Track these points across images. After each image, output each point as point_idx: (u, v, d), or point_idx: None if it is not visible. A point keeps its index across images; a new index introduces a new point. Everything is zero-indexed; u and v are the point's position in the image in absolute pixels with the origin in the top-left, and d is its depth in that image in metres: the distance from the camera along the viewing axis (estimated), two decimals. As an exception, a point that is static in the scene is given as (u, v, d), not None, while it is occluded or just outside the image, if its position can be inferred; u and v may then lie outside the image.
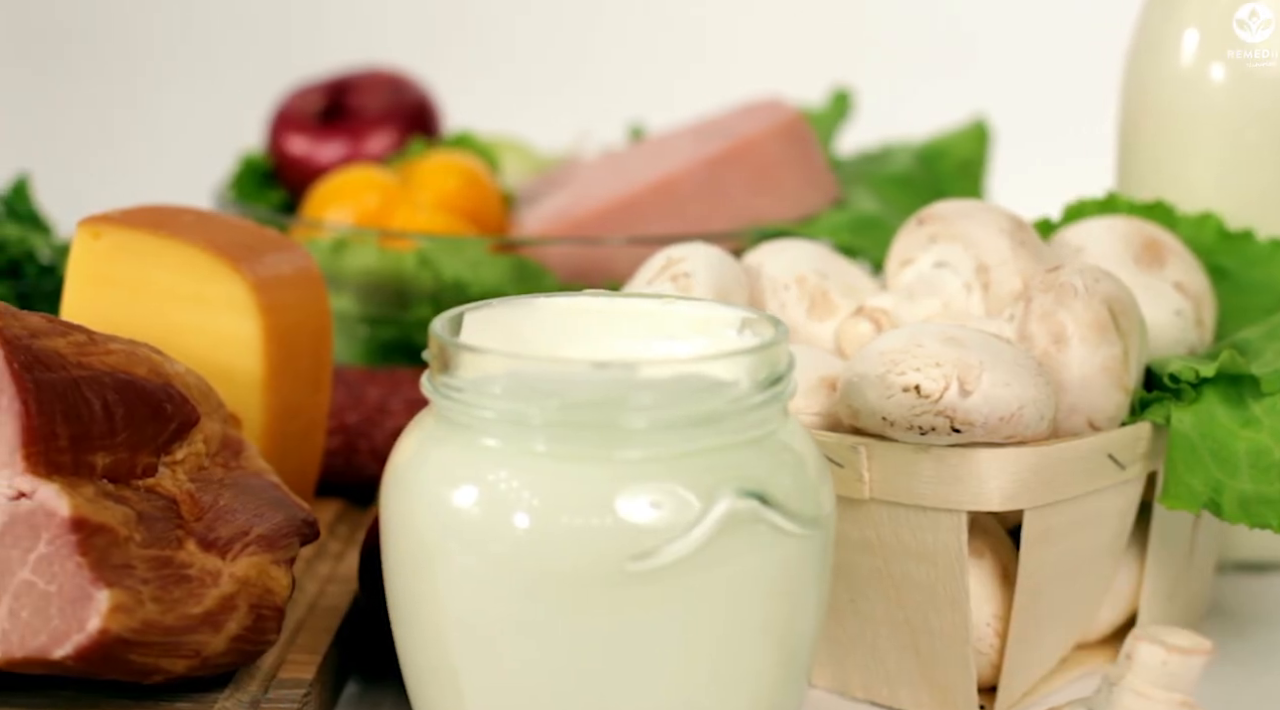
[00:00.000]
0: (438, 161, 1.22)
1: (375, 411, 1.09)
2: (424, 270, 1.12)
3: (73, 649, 0.78)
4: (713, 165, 1.17)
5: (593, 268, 1.14)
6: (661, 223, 1.16)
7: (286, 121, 1.33)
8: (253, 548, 0.84)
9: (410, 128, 1.32)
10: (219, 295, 0.93)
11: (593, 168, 1.26)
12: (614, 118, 1.44)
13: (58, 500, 0.79)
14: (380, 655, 0.96)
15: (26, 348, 0.81)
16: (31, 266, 1.18)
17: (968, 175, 1.26)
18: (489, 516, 0.76)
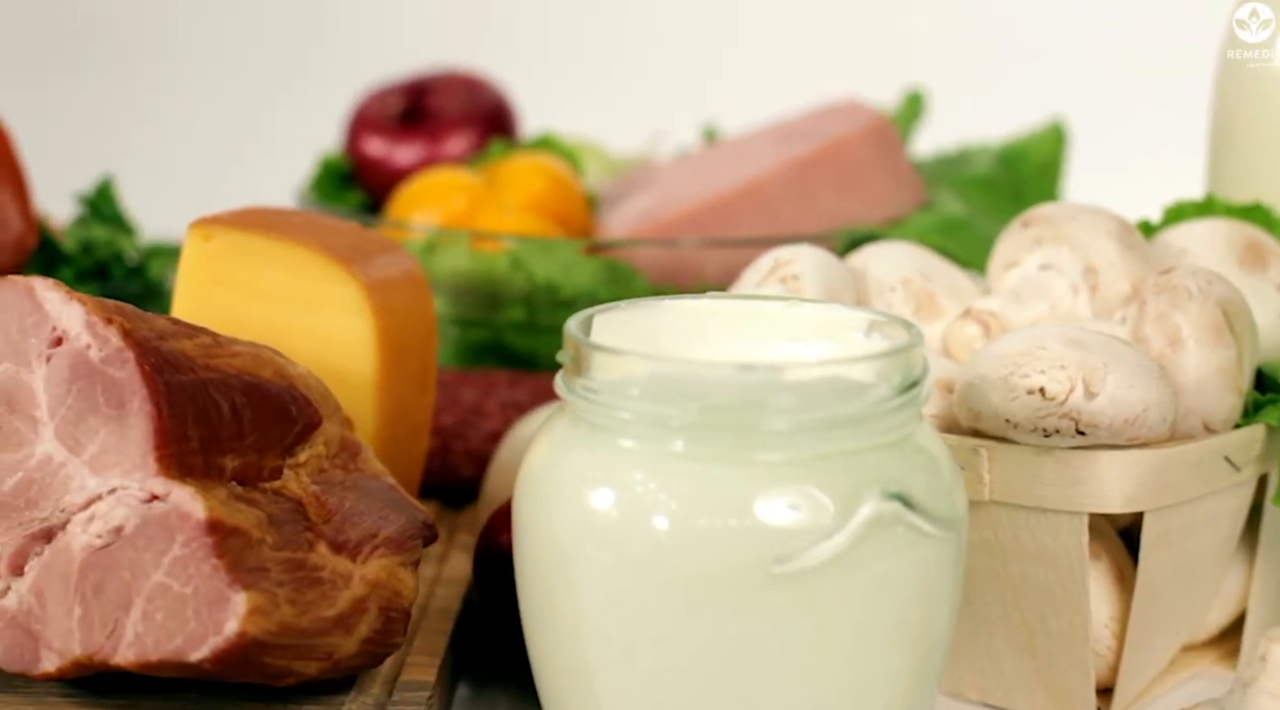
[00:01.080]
0: (523, 163, 1.22)
1: (470, 413, 1.09)
2: (516, 272, 1.12)
3: (210, 652, 0.78)
4: (801, 167, 1.17)
5: (680, 270, 1.14)
6: (750, 225, 1.16)
7: (364, 123, 1.33)
8: (381, 550, 0.84)
9: (488, 129, 1.32)
10: (332, 297, 0.93)
11: (674, 170, 1.26)
12: (683, 118, 1.44)
13: (193, 502, 0.79)
14: (491, 656, 0.96)
15: (156, 350, 0.81)
16: (119, 268, 1.18)
17: (1046, 177, 1.27)
18: (627, 518, 0.76)
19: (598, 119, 1.46)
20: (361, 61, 1.63)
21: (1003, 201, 1.23)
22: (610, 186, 1.28)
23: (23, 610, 0.83)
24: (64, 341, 0.82)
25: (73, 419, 0.82)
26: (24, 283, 0.84)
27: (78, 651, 0.81)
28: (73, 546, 0.81)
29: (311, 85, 1.83)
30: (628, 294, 1.12)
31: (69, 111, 1.41)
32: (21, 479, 0.83)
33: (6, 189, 1.18)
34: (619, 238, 1.16)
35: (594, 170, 1.33)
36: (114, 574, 0.80)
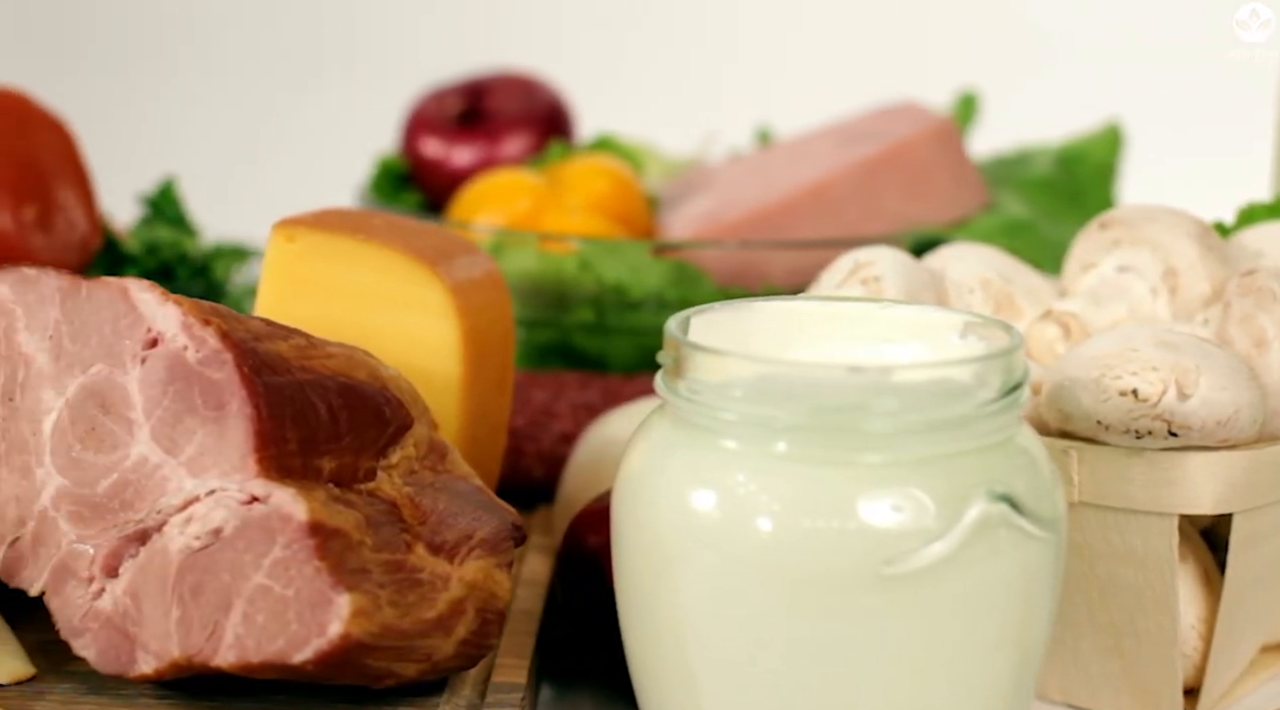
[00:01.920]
0: (586, 164, 1.22)
1: (541, 414, 1.09)
2: (585, 273, 1.12)
3: (313, 653, 0.78)
4: (866, 169, 1.17)
5: (746, 271, 1.14)
6: (815, 226, 1.16)
7: (421, 124, 1.33)
8: (478, 552, 0.83)
9: (545, 131, 1.32)
10: (417, 299, 0.93)
11: (732, 171, 1.26)
12: (730, 119, 1.44)
13: (294, 504, 0.79)
14: (573, 657, 0.96)
15: (253, 351, 0.81)
16: (184, 269, 1.17)
17: (1104, 179, 1.27)
18: (729, 519, 0.76)
19: (646, 120, 1.46)
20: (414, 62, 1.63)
21: (1062, 203, 1.23)
22: (668, 187, 1.28)
23: (118, 612, 0.83)
24: (159, 343, 0.82)
25: (169, 420, 0.82)
26: (118, 284, 0.84)
27: (176, 653, 0.81)
28: (170, 548, 0.81)
29: (365, 86, 1.83)
30: (695, 295, 1.12)
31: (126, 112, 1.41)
32: (116, 480, 0.83)
33: (72, 190, 1.18)
34: (684, 239, 1.16)
35: (649, 171, 1.33)
36: (213, 576, 0.80)
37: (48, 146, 1.17)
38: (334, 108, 1.87)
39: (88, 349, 0.84)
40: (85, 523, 0.84)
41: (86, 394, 0.84)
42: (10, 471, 0.86)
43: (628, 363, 1.14)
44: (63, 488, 0.84)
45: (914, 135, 1.17)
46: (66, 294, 0.85)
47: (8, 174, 1.15)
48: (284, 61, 1.92)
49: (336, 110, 1.86)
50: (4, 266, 0.88)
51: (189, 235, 1.20)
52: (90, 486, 0.84)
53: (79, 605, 0.84)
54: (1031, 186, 1.23)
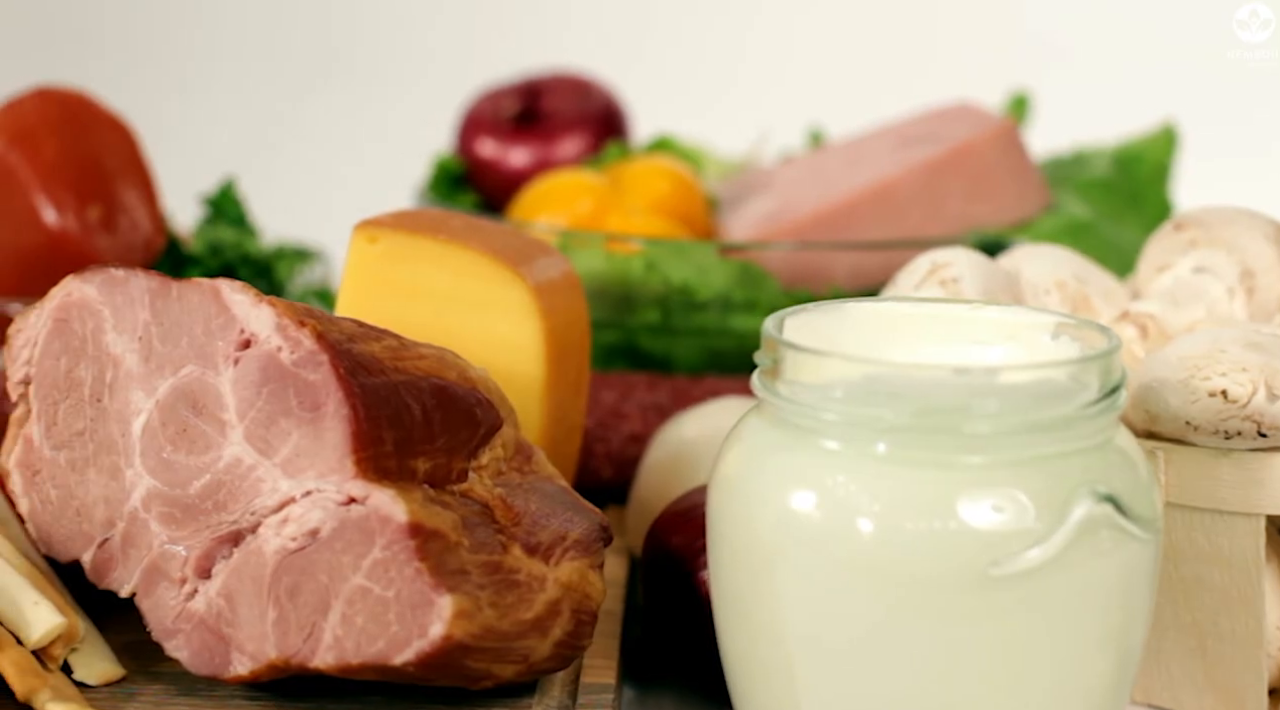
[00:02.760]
0: (647, 165, 1.22)
1: (610, 415, 1.09)
2: (651, 274, 1.12)
3: (414, 655, 0.78)
4: (930, 170, 1.17)
5: (809, 272, 1.14)
6: (878, 228, 1.16)
7: (476, 125, 1.33)
8: (572, 553, 0.83)
9: (600, 132, 1.32)
10: (500, 300, 0.92)
11: (790, 172, 1.26)
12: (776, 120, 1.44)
13: (393, 505, 0.79)
14: (655, 657, 0.96)
15: (348, 352, 0.81)
16: (246, 270, 1.17)
17: (1160, 179, 1.27)
18: (830, 520, 0.76)
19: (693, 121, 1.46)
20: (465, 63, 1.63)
21: (1121, 204, 1.23)
22: (724, 188, 1.28)
23: (211, 613, 0.83)
24: (253, 344, 0.82)
25: (263, 422, 0.82)
26: (210, 285, 0.84)
27: (273, 655, 0.81)
28: (265, 549, 0.81)
29: (416, 87, 1.83)
30: (761, 296, 1.12)
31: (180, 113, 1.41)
32: (209, 482, 0.83)
33: (135, 190, 1.17)
34: (749, 240, 1.16)
35: (705, 173, 1.33)
36: (310, 577, 0.80)
37: (110, 147, 1.17)
38: (386, 108, 1.87)
39: (178, 350, 0.84)
40: (177, 524, 0.84)
41: (177, 395, 0.84)
42: (98, 473, 0.86)
43: (693, 364, 1.14)
44: (153, 489, 0.84)
45: (977, 137, 1.17)
46: (156, 295, 0.85)
47: (71, 174, 1.15)
48: (335, 62, 1.93)
49: (389, 111, 1.86)
50: (88, 268, 0.88)
51: (250, 236, 1.20)
52: (182, 488, 0.84)
53: (171, 607, 0.84)
54: (1090, 187, 1.23)
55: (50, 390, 0.88)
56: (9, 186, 1.15)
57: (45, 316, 0.88)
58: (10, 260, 1.16)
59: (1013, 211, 1.18)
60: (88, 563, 0.87)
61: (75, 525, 0.87)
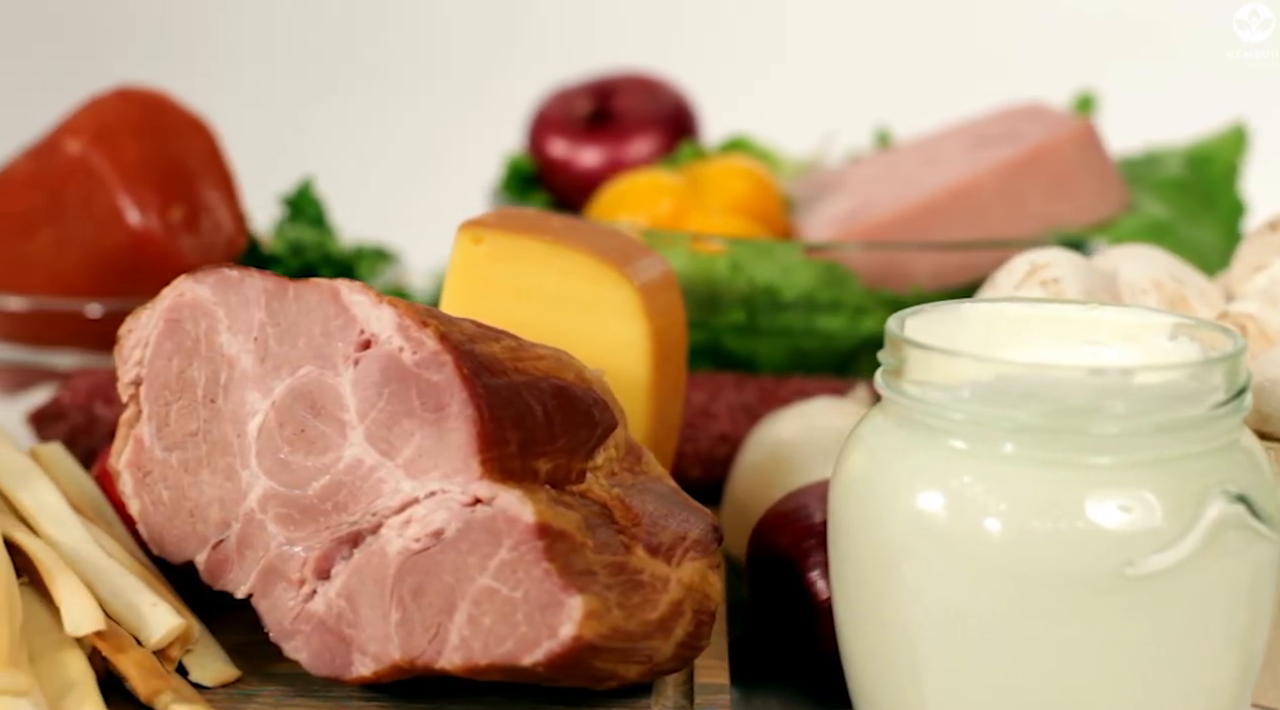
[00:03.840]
0: (725, 165, 1.22)
1: (698, 415, 1.08)
2: (736, 274, 1.12)
3: (544, 656, 0.78)
4: (1010, 171, 1.17)
5: (890, 272, 1.14)
6: (959, 228, 1.16)
7: (547, 125, 1.33)
8: (692, 553, 0.83)
9: (671, 132, 1.32)
10: (606, 300, 0.92)
11: (864, 172, 1.26)
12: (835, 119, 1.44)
13: (521, 506, 0.78)
14: (756, 658, 0.96)
15: (470, 353, 0.81)
16: (327, 270, 1.17)
17: (1231, 179, 1.27)
18: (957, 520, 0.76)
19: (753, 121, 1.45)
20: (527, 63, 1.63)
21: (1194, 204, 1.23)
22: (796, 188, 1.28)
23: (332, 614, 0.82)
24: (373, 344, 0.82)
25: (385, 422, 0.81)
26: (328, 285, 0.83)
27: (397, 656, 0.81)
28: (387, 550, 0.81)
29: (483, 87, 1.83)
30: (845, 297, 1.12)
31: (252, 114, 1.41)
32: (328, 482, 0.83)
33: (216, 190, 1.17)
34: (827, 240, 1.16)
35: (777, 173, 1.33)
36: (435, 578, 0.80)
37: (192, 147, 1.17)
38: (451, 108, 1.87)
39: (295, 351, 0.84)
40: (295, 525, 0.84)
41: (295, 396, 0.84)
42: (213, 474, 0.86)
43: (777, 364, 1.14)
44: (270, 490, 0.84)
45: (1058, 136, 1.18)
46: (272, 295, 0.85)
47: (154, 174, 1.15)
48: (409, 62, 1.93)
49: (454, 111, 1.86)
50: (201, 268, 0.87)
51: (330, 236, 1.19)
52: (300, 488, 0.84)
53: (290, 608, 0.84)
54: (1164, 187, 1.23)
55: (162, 391, 0.88)
56: (91, 187, 1.15)
57: (157, 317, 0.88)
58: (93, 260, 1.16)
59: (1093, 211, 1.18)
60: (202, 564, 0.87)
61: (189, 526, 0.87)
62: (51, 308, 1.17)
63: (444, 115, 1.90)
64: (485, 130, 1.52)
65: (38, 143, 1.19)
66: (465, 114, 1.82)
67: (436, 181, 1.46)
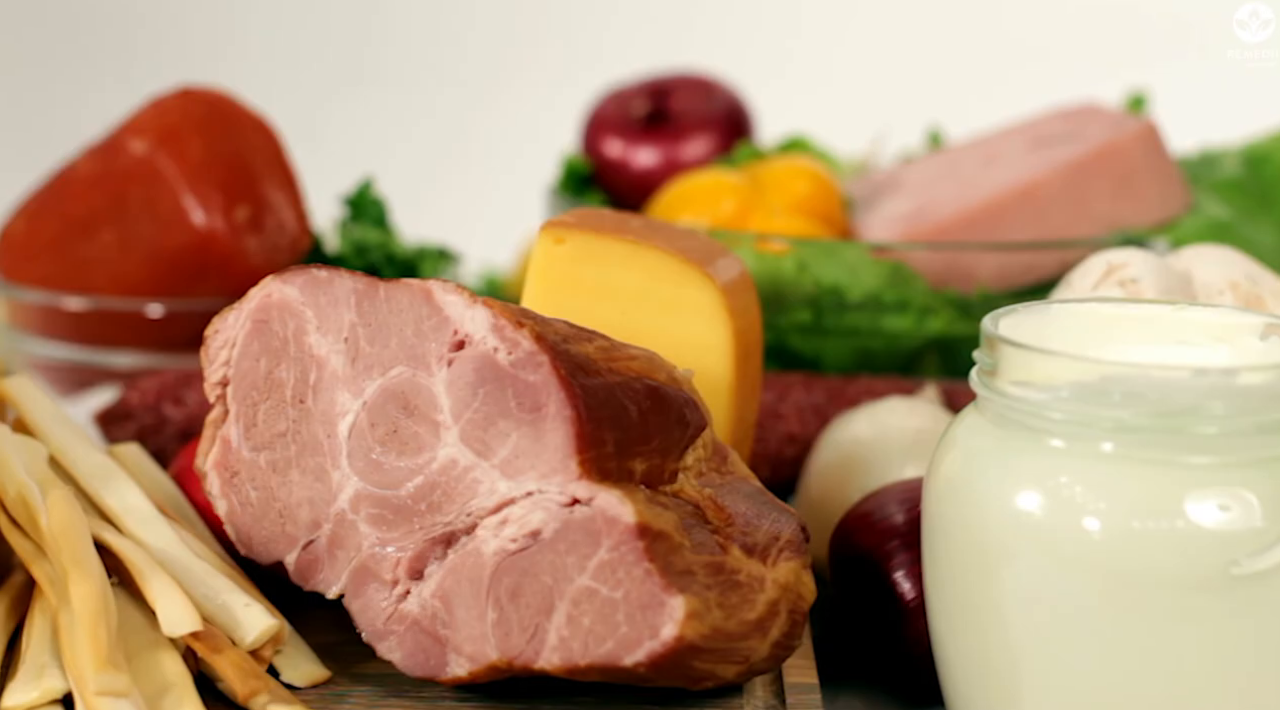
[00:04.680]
0: (787, 166, 1.22)
1: (766, 416, 1.08)
2: (803, 275, 1.12)
3: (645, 656, 0.78)
4: (1074, 171, 1.17)
5: (955, 273, 1.14)
6: (1022, 228, 1.16)
7: (602, 125, 1.33)
8: (786, 553, 0.83)
9: (726, 132, 1.32)
10: (690, 300, 0.92)
11: (922, 172, 1.26)
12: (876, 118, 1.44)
13: (621, 506, 0.78)
14: (836, 656, 0.96)
15: (566, 353, 0.81)
16: (390, 270, 1.17)
17: (1284, 179, 1.27)
18: (1056, 519, 0.77)
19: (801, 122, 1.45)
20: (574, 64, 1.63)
21: (1252, 204, 1.23)
22: (852, 187, 1.28)
23: (426, 614, 0.82)
24: (467, 345, 0.82)
25: (480, 423, 0.81)
26: (420, 286, 0.83)
27: (494, 656, 0.81)
28: (483, 551, 0.81)
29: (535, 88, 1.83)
30: (911, 297, 1.12)
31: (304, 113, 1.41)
32: (422, 483, 0.83)
33: (281, 191, 1.17)
34: (891, 240, 1.16)
35: (833, 173, 1.33)
36: (532, 578, 0.80)
37: (255, 147, 1.17)
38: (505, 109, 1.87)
39: (387, 351, 0.84)
40: (388, 525, 0.84)
41: (387, 396, 0.84)
42: (302, 474, 0.86)
43: (843, 364, 1.15)
44: (362, 490, 0.84)
45: (1121, 136, 1.18)
46: (362, 296, 0.85)
47: (218, 174, 1.15)
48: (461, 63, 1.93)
49: (509, 111, 1.86)
50: (289, 269, 0.87)
51: (391, 236, 1.19)
52: (393, 489, 0.83)
53: (382, 608, 0.84)
54: (1222, 188, 1.24)
55: (249, 391, 0.88)
56: (156, 187, 1.15)
57: (244, 317, 0.88)
58: (156, 261, 1.16)
59: (1155, 212, 1.18)
60: (291, 564, 0.87)
61: (278, 527, 0.87)
62: (112, 308, 1.17)
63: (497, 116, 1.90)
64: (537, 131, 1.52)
65: (99, 143, 1.19)
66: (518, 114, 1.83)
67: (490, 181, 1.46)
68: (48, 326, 1.21)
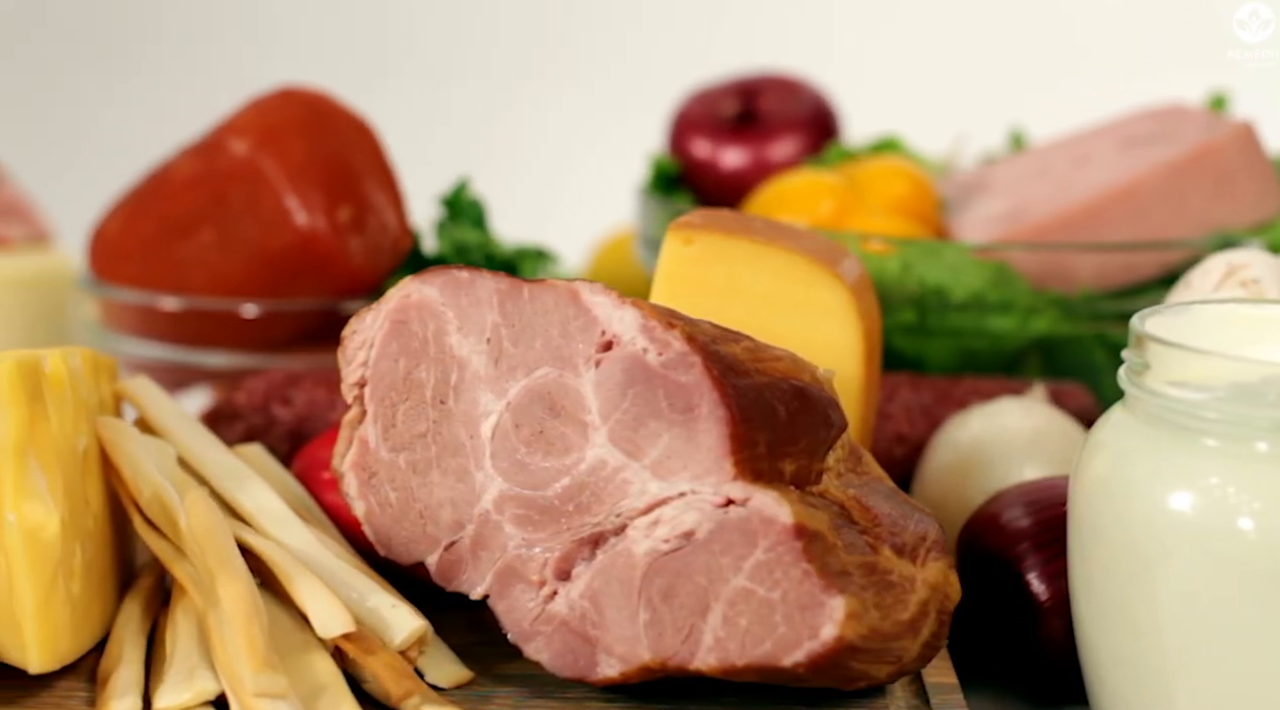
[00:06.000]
0: (883, 166, 1.22)
1: (876, 415, 1.08)
2: (907, 275, 1.12)
3: (805, 656, 0.78)
4: (1175, 172, 1.17)
5: (1055, 273, 1.14)
6: (1121, 229, 1.16)
7: (690, 126, 1.33)
8: (934, 553, 0.84)
9: (814, 133, 1.32)
10: (822, 301, 0.92)
11: (1012, 173, 1.26)
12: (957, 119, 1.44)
13: (777, 507, 0.79)
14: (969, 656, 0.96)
15: (716, 354, 0.81)
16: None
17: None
18: (1210, 520, 0.77)
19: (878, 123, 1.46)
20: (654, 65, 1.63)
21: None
22: (943, 188, 1.28)
23: (575, 615, 0.82)
24: (615, 345, 0.82)
25: (630, 424, 0.81)
26: (566, 287, 0.83)
27: (647, 657, 0.81)
28: (634, 551, 0.81)
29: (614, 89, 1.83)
30: (1014, 297, 1.12)
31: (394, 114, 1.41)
32: (569, 484, 0.83)
33: (382, 191, 1.17)
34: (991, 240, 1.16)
35: (919, 173, 1.33)
36: (686, 579, 0.80)
37: (356, 147, 1.17)
38: (588, 110, 1.88)
39: (532, 352, 0.84)
40: (534, 526, 0.84)
41: (533, 397, 0.84)
42: (443, 475, 0.86)
43: (945, 364, 1.15)
44: (506, 491, 0.84)
45: (1220, 137, 1.18)
46: (505, 296, 0.85)
47: (320, 175, 1.15)
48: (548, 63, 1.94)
49: (592, 112, 1.87)
50: (428, 269, 0.87)
51: (489, 236, 1.19)
52: (539, 490, 0.83)
53: (529, 609, 0.84)
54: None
55: (388, 392, 0.88)
56: (258, 187, 1.14)
57: (382, 318, 0.88)
58: (257, 261, 1.15)
59: (1252, 212, 1.19)
60: (434, 565, 0.87)
61: (418, 528, 0.87)
62: (208, 308, 1.17)
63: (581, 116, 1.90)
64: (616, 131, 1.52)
65: (198, 143, 1.18)
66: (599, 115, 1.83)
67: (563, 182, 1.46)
68: (141, 326, 1.21)
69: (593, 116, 1.87)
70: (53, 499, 0.82)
